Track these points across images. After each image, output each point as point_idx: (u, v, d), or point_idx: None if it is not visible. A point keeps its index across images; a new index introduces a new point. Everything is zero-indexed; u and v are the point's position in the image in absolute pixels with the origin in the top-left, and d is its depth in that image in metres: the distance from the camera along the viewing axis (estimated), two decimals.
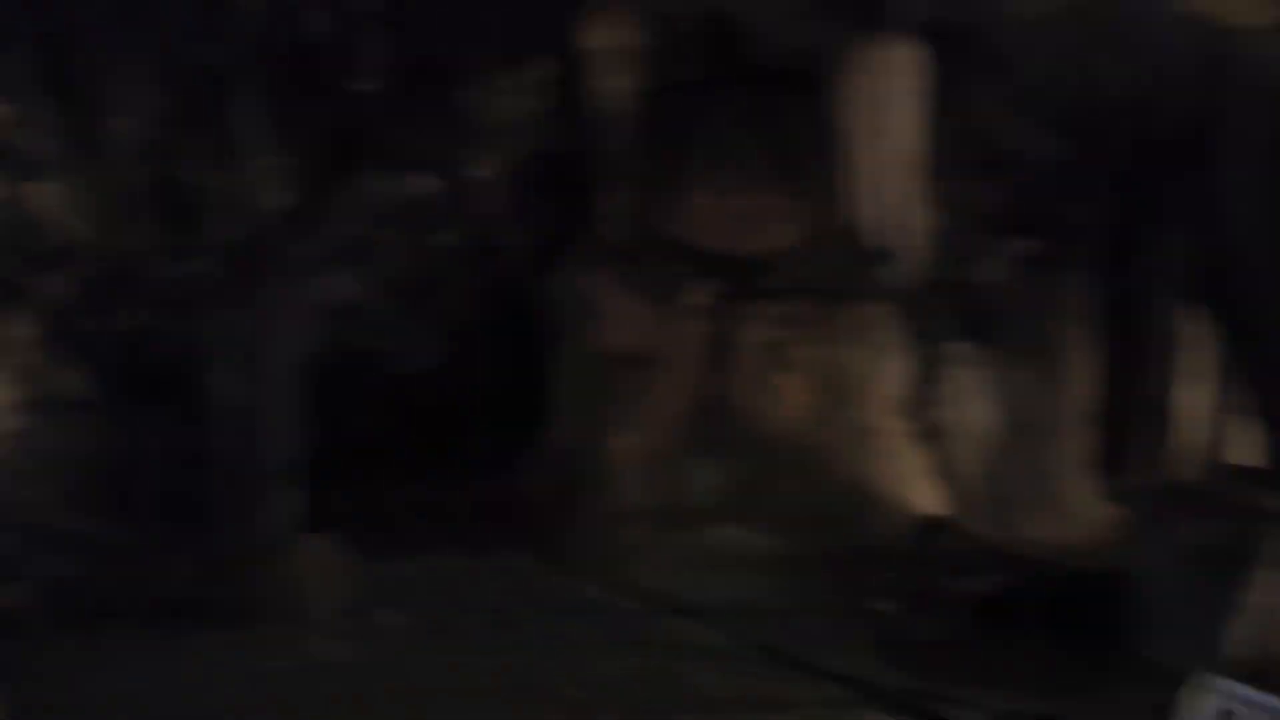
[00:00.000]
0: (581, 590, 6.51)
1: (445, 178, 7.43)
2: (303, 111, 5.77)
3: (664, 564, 6.63)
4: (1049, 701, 4.63)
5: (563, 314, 7.61)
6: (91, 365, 8.43)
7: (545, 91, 7.15)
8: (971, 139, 6.97)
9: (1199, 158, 6.05)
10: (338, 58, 5.74)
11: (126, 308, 8.14)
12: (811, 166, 7.11)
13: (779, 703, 4.67)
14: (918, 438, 7.32)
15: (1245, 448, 6.71)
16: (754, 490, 7.09)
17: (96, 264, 7.48)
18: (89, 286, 8.01)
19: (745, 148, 7.26)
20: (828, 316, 7.23)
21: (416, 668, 5.31)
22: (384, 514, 8.05)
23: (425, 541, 7.56)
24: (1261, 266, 5.78)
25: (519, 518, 7.54)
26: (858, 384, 7.24)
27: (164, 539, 7.50)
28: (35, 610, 6.00)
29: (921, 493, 7.14)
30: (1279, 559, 4.41)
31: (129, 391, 8.48)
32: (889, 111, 6.54)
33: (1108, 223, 6.98)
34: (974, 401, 7.41)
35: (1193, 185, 6.18)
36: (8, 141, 6.33)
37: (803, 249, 7.31)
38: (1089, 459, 7.23)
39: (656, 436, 7.08)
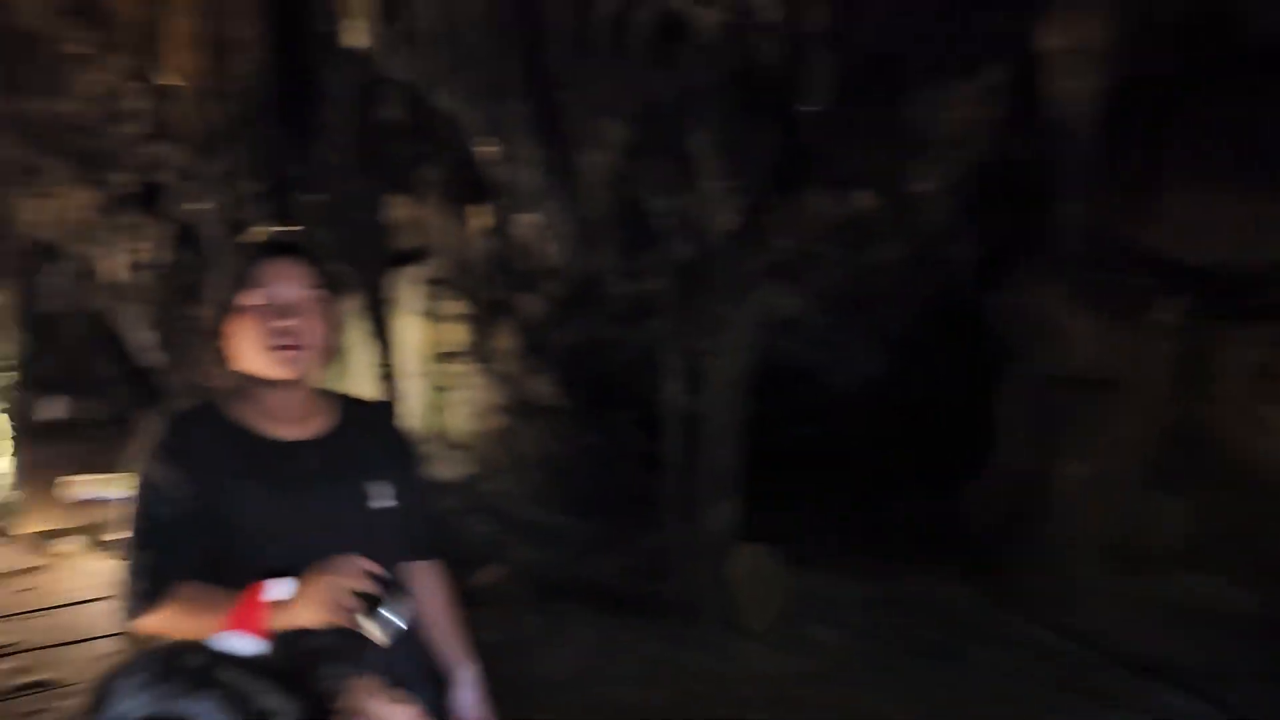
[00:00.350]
0: (1024, 628, 6.06)
1: (887, 192, 7.30)
2: (750, 133, 5.95)
3: (1118, 610, 5.97)
4: None
5: (1012, 331, 7.14)
6: (560, 374, 9.41)
7: (996, 98, 6.75)
8: None
9: None
10: (785, 79, 5.83)
11: (590, 322, 8.97)
12: None
13: None
14: None
15: None
16: (1232, 535, 6.16)
17: (566, 284, 8.33)
18: (559, 304, 8.94)
19: (1229, 146, 6.32)
20: None
21: (849, 688, 5.25)
22: (818, 528, 8.10)
23: (858, 559, 7.48)
24: None
25: (957, 543, 7.20)
26: None
27: (617, 533, 8.14)
28: (507, 590, 6.72)
29: None
30: None
31: (591, 398, 9.36)
32: None
33: None
34: None
35: None
36: (498, 177, 7.24)
37: None
38: None
39: (1116, 467, 6.38)
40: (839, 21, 5.64)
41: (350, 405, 1.77)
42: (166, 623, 1.50)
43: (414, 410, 9.15)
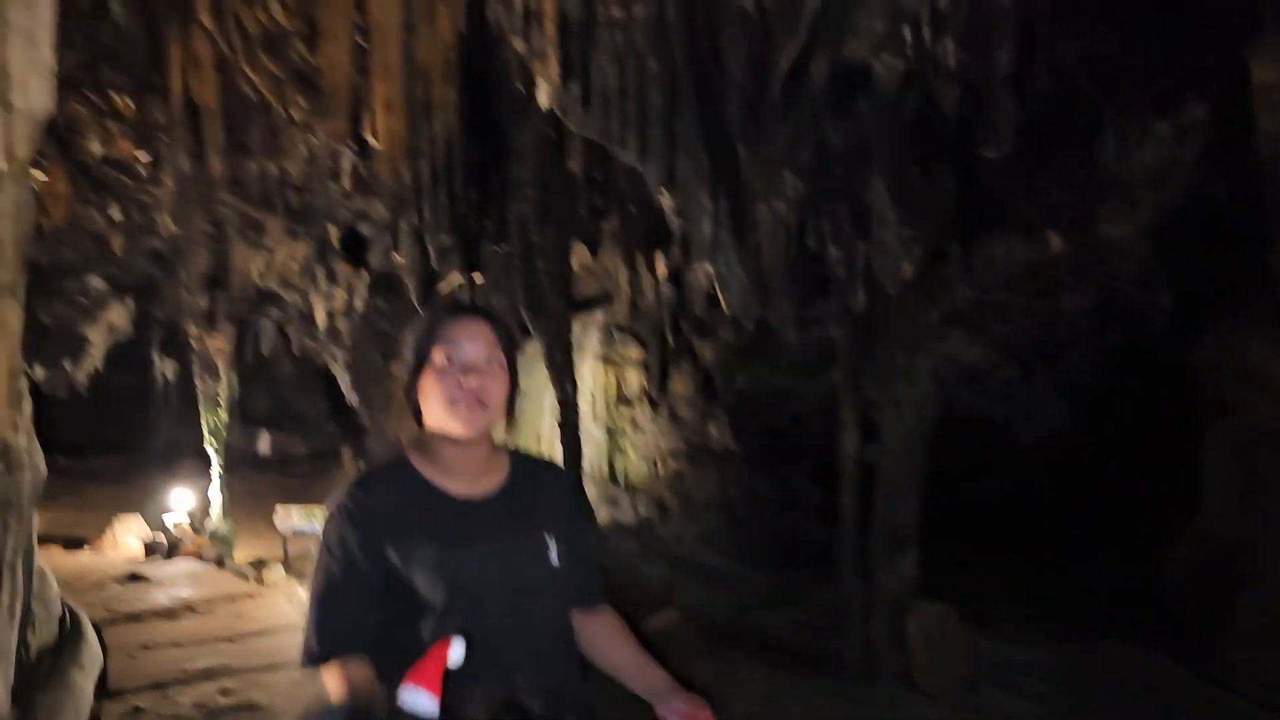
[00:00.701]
0: (1233, 706, 5.60)
1: (1076, 236, 7.02)
2: (929, 180, 5.86)
3: None
4: None
5: (1217, 383, 6.67)
6: (734, 420, 9.46)
7: (1195, 135, 6.40)
8: None
9: None
10: (966, 123, 5.73)
11: (766, 371, 9.01)
12: None
13: None
14: None
15: None
16: None
17: (742, 332, 8.39)
18: (735, 352, 9.01)
19: None
20: None
21: None
22: (1000, 587, 7.76)
23: (1044, 622, 7.12)
24: None
25: (1155, 610, 6.73)
26: None
27: (790, 584, 8.05)
28: (678, 634, 6.73)
29: None
30: None
31: (765, 446, 9.35)
32: None
33: None
34: None
35: None
36: (676, 227, 7.39)
37: None
38: None
39: None
40: (1024, 62, 5.51)
41: (520, 460, 1.79)
42: (336, 683, 1.51)
43: (591, 453, 9.36)
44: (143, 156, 9.01)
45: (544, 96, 6.12)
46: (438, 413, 1.62)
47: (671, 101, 5.58)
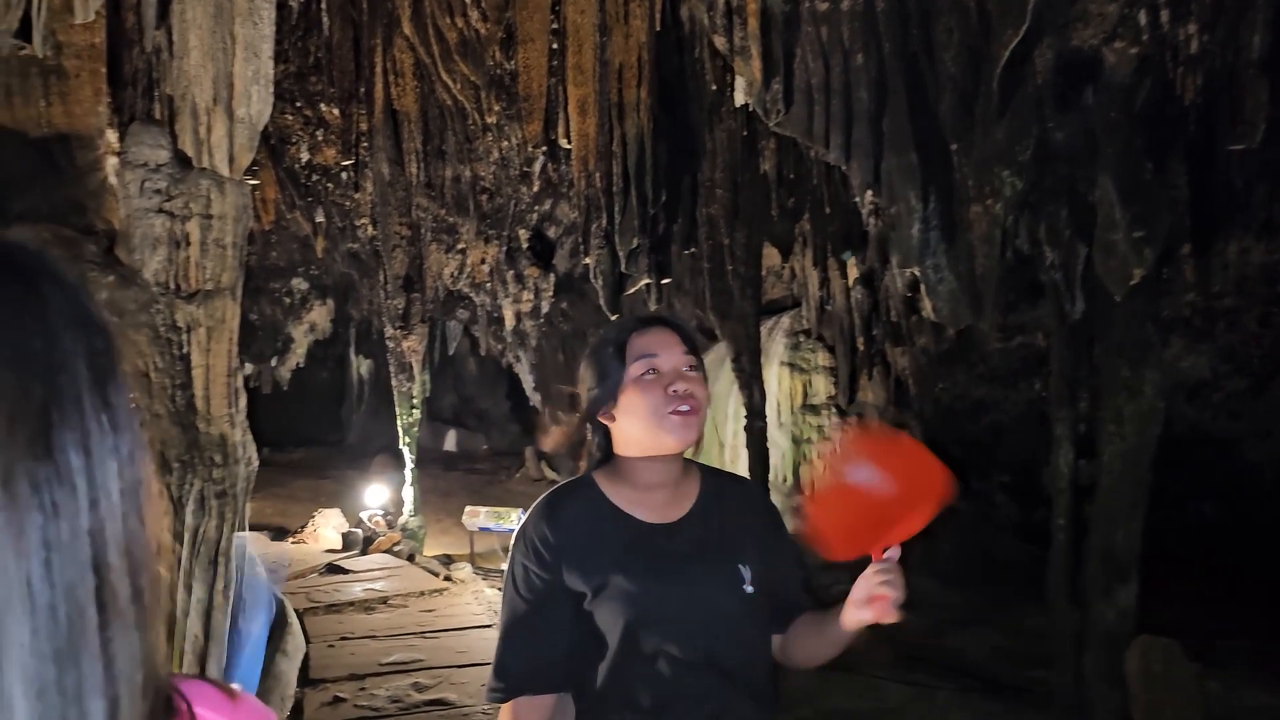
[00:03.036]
0: None
1: None
2: (1161, 177, 5.35)
3: None
4: None
5: None
6: (928, 431, 9.02)
7: None
8: None
9: None
10: (1207, 115, 5.20)
11: (965, 380, 8.55)
12: None
13: None
14: None
15: None
16: None
17: (941, 339, 7.99)
18: (932, 359, 8.59)
19: None
20: None
21: None
22: (1229, 623, 7.09)
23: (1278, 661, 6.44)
24: None
25: None
26: None
27: (988, 607, 7.59)
28: (869, 655, 6.43)
29: None
30: None
31: (961, 459, 8.86)
32: None
33: None
34: None
35: None
36: (878, 230, 7.08)
37: None
38: None
39: None
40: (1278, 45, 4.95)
41: (710, 478, 1.72)
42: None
43: (776, 461, 9.15)
44: (345, 162, 9.41)
45: (742, 95, 5.95)
46: (644, 427, 1.57)
47: (879, 98, 5.30)
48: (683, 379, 1.58)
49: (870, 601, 1.45)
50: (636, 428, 1.58)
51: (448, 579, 8.56)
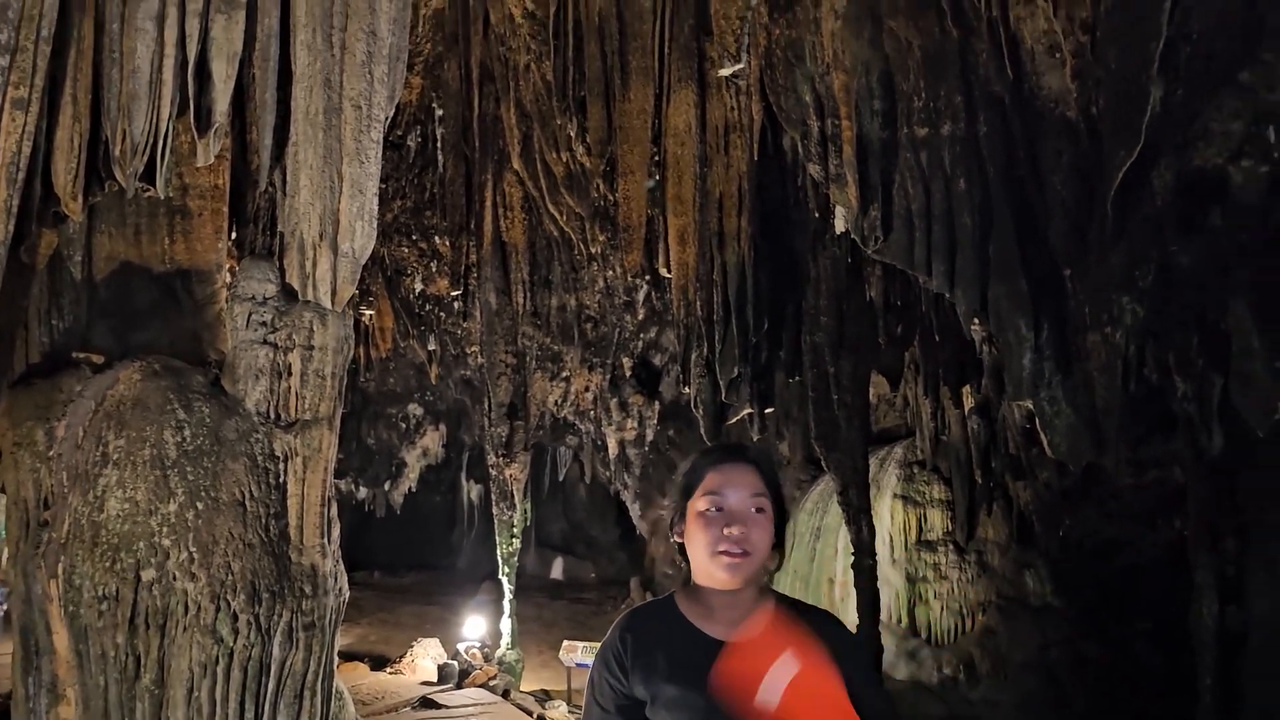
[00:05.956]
0: None
1: None
2: None
3: None
4: None
5: None
6: (1055, 572, 8.42)
7: None
8: None
9: None
10: None
11: (1096, 518, 7.97)
12: None
13: None
14: None
15: None
16: None
17: (1065, 473, 7.51)
18: (1057, 494, 8.08)
19: None
20: None
21: None
22: None
23: None
24: None
25: None
26: None
27: None
28: None
29: None
30: None
31: (1094, 602, 8.20)
32: None
33: None
34: None
35: None
36: (990, 359, 6.77)
37: None
38: None
39: None
40: None
41: (786, 607, 1.69)
42: None
43: (888, 600, 8.66)
44: (454, 292, 9.63)
45: (841, 222, 5.84)
46: (700, 560, 1.62)
47: (984, 223, 5.11)
48: (741, 522, 1.60)
49: None
50: (694, 558, 1.64)
51: (541, 719, 8.25)
